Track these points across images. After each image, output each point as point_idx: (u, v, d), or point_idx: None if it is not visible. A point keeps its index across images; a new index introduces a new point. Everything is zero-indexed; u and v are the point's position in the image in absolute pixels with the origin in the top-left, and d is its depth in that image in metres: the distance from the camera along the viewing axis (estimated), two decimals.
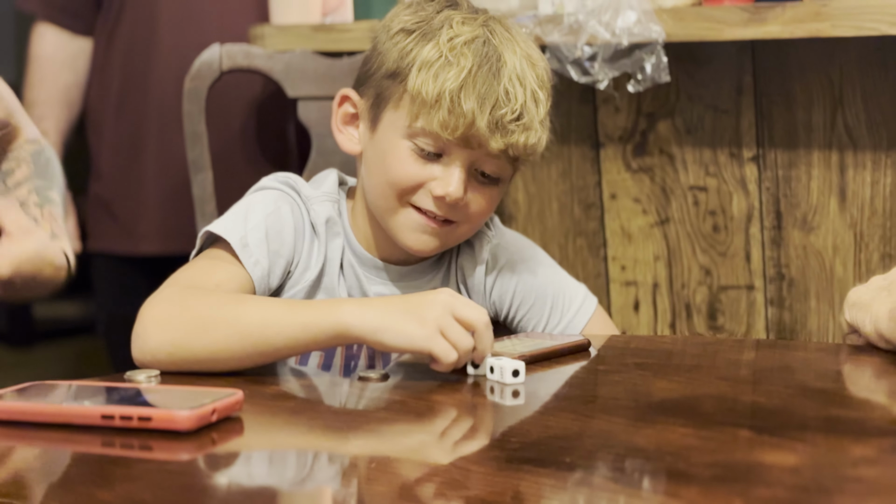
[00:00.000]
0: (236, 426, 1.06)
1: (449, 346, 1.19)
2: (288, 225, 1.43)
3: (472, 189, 1.41)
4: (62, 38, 2.25)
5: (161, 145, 2.13)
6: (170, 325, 1.25)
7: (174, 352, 1.24)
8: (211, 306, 1.27)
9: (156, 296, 1.30)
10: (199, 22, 2.13)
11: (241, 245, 1.38)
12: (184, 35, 2.12)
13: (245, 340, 1.24)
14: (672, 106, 1.82)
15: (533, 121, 1.40)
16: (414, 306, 1.20)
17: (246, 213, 1.41)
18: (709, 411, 1.10)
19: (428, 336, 1.19)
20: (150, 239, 2.18)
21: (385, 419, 1.12)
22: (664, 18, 1.67)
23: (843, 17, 1.58)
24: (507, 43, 1.41)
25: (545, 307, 1.52)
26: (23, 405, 1.06)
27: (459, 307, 1.21)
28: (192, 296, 1.30)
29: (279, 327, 1.23)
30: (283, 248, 1.41)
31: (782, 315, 1.79)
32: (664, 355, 1.39)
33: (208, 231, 1.40)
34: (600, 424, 1.08)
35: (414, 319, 1.19)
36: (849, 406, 1.15)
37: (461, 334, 1.20)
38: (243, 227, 1.39)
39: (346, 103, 1.49)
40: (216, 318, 1.25)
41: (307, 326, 1.22)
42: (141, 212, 2.18)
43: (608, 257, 1.88)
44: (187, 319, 1.26)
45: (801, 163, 1.76)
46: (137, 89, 2.17)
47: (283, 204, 1.44)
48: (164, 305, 1.29)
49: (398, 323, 1.19)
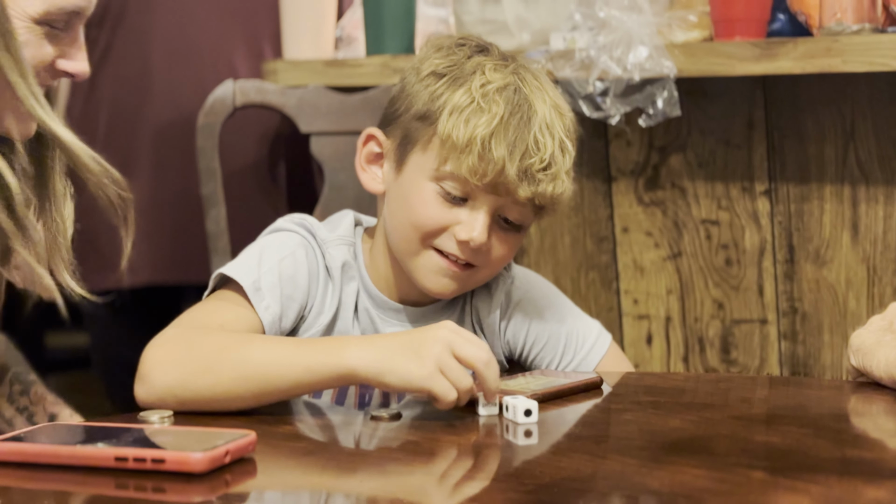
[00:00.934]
0: (249, 467, 1.06)
1: (449, 386, 1.19)
2: (302, 269, 1.42)
3: (494, 235, 1.41)
4: None
5: (152, 179, 2.09)
6: (175, 367, 1.25)
7: (180, 393, 1.24)
8: (215, 347, 1.27)
9: (160, 336, 1.30)
10: (192, 57, 2.12)
11: (253, 289, 1.37)
12: (178, 70, 2.10)
13: (249, 382, 1.24)
14: (684, 140, 1.82)
15: (560, 171, 1.40)
16: (415, 344, 1.20)
17: (260, 256, 1.41)
18: (722, 452, 1.10)
19: (427, 376, 1.19)
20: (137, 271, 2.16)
21: (397, 460, 1.12)
22: (675, 54, 1.67)
23: (855, 52, 1.58)
24: (538, 91, 1.42)
25: (559, 345, 1.52)
26: (37, 447, 1.06)
27: (459, 345, 1.20)
28: (196, 336, 1.30)
29: (284, 369, 1.23)
30: (297, 293, 1.41)
31: (796, 349, 1.79)
32: (677, 393, 1.38)
33: (221, 273, 1.40)
34: (613, 465, 1.07)
35: (414, 358, 1.19)
36: (863, 447, 1.15)
37: (461, 373, 1.20)
38: (257, 271, 1.39)
39: (372, 142, 1.49)
40: (221, 359, 1.25)
41: (311, 369, 1.22)
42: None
43: (620, 291, 1.88)
44: (191, 360, 1.26)
45: (814, 197, 1.76)
46: (127, 123, 2.14)
47: (297, 247, 1.43)
48: (168, 346, 1.29)
49: (398, 364, 1.19)
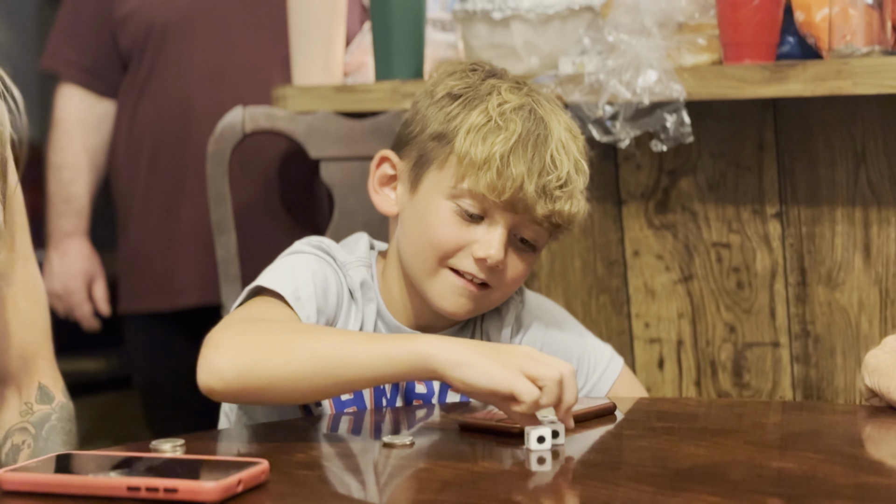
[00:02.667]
0: (262, 496, 1.05)
1: (532, 385, 1.17)
2: (332, 286, 1.42)
3: (510, 254, 1.42)
4: (88, 101, 2.26)
5: (198, 201, 2.12)
6: (243, 348, 1.23)
7: (245, 373, 1.22)
8: (287, 331, 1.26)
9: (223, 323, 1.29)
10: (231, 79, 2.15)
11: (294, 298, 1.36)
12: (218, 92, 2.14)
13: (322, 365, 1.21)
14: (694, 163, 1.82)
15: (576, 189, 1.41)
16: (497, 350, 1.20)
17: (293, 269, 1.40)
18: (736, 479, 1.09)
19: (511, 377, 1.17)
20: (187, 292, 2.19)
21: (410, 488, 1.11)
22: (685, 77, 1.67)
23: (865, 75, 1.58)
24: (552, 113, 1.43)
25: None
26: (49, 477, 1.06)
27: (544, 356, 1.20)
28: (262, 323, 1.29)
29: (358, 354, 1.21)
30: (328, 308, 1.41)
31: (808, 372, 1.78)
32: (690, 418, 1.38)
33: (257, 285, 1.39)
34: (628, 493, 1.07)
35: (496, 360, 1.18)
36: (878, 472, 1.14)
37: (548, 370, 1.17)
38: (293, 282, 1.38)
39: (385, 164, 1.49)
40: (294, 342, 1.23)
41: (388, 354, 1.20)
42: (176, 267, 2.19)
43: (631, 314, 1.88)
44: (262, 342, 1.24)
45: (825, 219, 1.76)
46: (172, 148, 2.18)
47: (324, 265, 1.43)
48: (234, 328, 1.27)
49: (481, 361, 1.18)
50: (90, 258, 2.33)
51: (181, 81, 2.17)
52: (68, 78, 2.27)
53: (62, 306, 2.34)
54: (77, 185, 2.28)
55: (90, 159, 2.28)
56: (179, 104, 2.17)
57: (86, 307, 2.33)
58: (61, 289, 2.32)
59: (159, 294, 2.22)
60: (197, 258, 2.16)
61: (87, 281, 2.33)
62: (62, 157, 2.28)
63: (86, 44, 2.24)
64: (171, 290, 2.20)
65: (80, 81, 2.26)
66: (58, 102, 2.29)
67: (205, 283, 2.14)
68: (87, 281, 2.33)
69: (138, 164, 2.22)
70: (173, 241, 2.19)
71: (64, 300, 2.33)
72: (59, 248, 2.32)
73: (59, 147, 2.28)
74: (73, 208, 2.29)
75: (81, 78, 2.25)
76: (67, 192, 2.29)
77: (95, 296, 2.34)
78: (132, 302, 2.27)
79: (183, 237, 2.18)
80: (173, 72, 2.18)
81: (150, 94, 2.20)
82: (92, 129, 2.27)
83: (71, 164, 2.27)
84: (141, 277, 2.24)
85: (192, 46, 2.17)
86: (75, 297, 2.32)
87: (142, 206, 2.23)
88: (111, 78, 2.25)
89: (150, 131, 2.20)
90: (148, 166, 2.21)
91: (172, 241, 2.20)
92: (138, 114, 2.22)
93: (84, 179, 2.28)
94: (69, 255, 2.31)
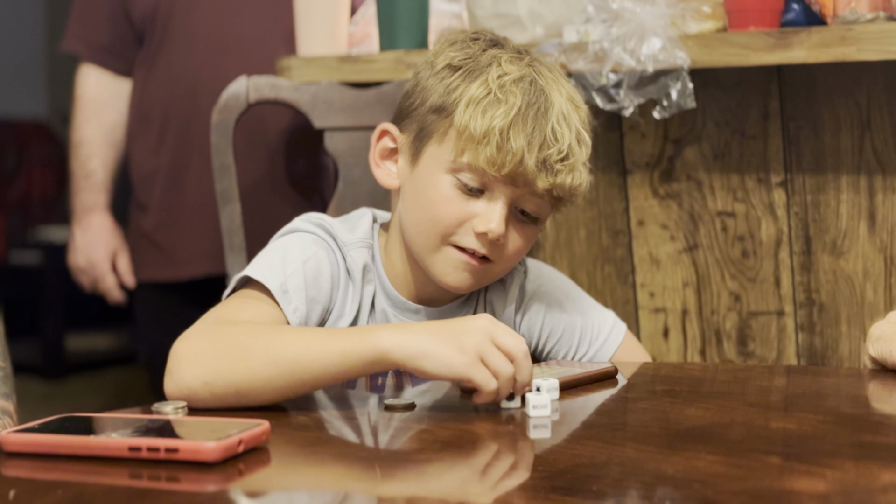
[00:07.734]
0: (263, 457, 1.06)
1: (489, 375, 1.17)
2: (325, 272, 1.42)
3: (511, 227, 1.40)
4: (106, 79, 2.30)
5: (203, 171, 2.15)
6: (204, 358, 1.24)
7: (210, 384, 1.22)
8: (246, 335, 1.26)
9: (187, 332, 1.29)
10: (237, 51, 2.16)
11: (280, 291, 1.36)
12: (223, 64, 2.15)
13: (281, 368, 1.22)
14: (699, 132, 1.82)
15: (577, 162, 1.40)
16: (454, 332, 1.19)
17: (284, 257, 1.40)
18: (738, 439, 1.09)
19: (468, 363, 1.17)
20: (194, 263, 2.21)
21: (411, 449, 1.11)
22: (689, 45, 1.66)
23: (869, 41, 1.57)
24: (553, 84, 1.41)
25: (574, 337, 1.51)
26: (51, 438, 1.07)
27: (499, 334, 1.19)
28: (225, 328, 1.29)
29: (316, 354, 1.21)
30: (320, 295, 1.41)
31: (813, 340, 1.78)
32: (693, 382, 1.38)
33: (245, 275, 1.39)
34: (628, 452, 1.07)
35: (454, 346, 1.17)
36: (879, 432, 1.14)
37: (502, 362, 1.18)
38: (282, 273, 1.38)
39: (386, 137, 1.48)
40: (252, 346, 1.24)
41: (345, 352, 1.21)
42: (184, 238, 2.21)
43: (637, 284, 1.88)
44: (221, 350, 1.24)
45: (830, 187, 1.75)
46: (179, 120, 2.20)
47: (319, 249, 1.42)
48: (196, 339, 1.28)
49: (438, 349, 1.17)
50: (112, 232, 2.36)
51: (187, 55, 2.18)
52: (86, 57, 2.30)
53: (87, 280, 2.37)
54: (95, 161, 2.31)
55: (107, 135, 2.31)
56: (186, 77, 2.18)
57: (110, 279, 2.36)
58: (85, 262, 2.34)
59: (167, 265, 2.24)
60: (204, 229, 2.18)
61: (110, 254, 2.35)
62: (80, 133, 2.32)
63: (101, 23, 2.27)
64: (179, 261, 2.22)
65: (97, 60, 2.29)
66: (78, 81, 2.33)
67: (211, 253, 2.15)
68: (111, 254, 2.35)
69: (148, 137, 2.24)
70: (180, 212, 2.21)
71: (88, 273, 2.36)
72: (82, 222, 2.35)
73: (78, 124, 2.32)
74: (93, 183, 2.32)
75: (98, 56, 2.29)
76: (86, 167, 2.32)
77: (119, 268, 2.36)
78: (140, 273, 2.30)
79: (190, 209, 2.20)
80: (180, 46, 2.19)
81: (158, 68, 2.22)
82: (109, 105, 2.30)
83: (88, 140, 2.31)
84: (148, 249, 2.26)
85: (197, 20, 2.18)
86: (99, 269, 2.35)
87: (150, 179, 2.25)
88: (128, 55, 2.27)
89: (159, 105, 2.22)
90: (157, 139, 2.23)
91: (179, 212, 2.21)
92: (147, 88, 2.24)
93: (102, 155, 2.32)
94: (91, 229, 2.34)
